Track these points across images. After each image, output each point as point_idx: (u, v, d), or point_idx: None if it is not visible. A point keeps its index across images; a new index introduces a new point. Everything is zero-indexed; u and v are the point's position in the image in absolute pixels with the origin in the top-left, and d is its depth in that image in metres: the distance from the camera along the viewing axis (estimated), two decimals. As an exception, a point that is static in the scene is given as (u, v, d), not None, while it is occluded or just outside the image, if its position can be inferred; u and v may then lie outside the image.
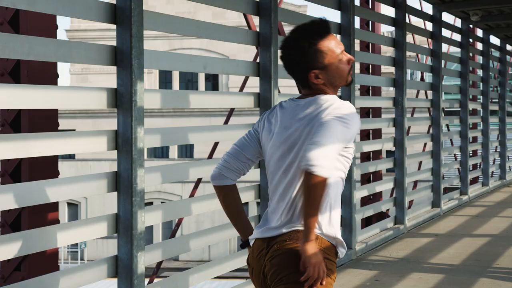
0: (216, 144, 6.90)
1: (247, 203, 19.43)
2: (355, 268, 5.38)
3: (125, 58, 3.35)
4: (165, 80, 32.82)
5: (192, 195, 7.23)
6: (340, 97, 5.10)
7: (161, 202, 17.19)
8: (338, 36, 5.79)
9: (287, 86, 5.56)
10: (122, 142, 3.34)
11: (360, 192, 6.44)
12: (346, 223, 5.76)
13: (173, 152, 30.58)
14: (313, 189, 2.12)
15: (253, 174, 4.61)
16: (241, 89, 7.82)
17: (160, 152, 30.94)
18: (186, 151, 30.62)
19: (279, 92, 4.88)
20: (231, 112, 6.73)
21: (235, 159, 2.43)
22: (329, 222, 2.31)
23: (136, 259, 3.30)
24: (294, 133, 2.31)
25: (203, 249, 25.39)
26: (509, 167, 13.11)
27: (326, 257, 2.27)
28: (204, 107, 4.38)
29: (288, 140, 2.32)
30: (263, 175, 4.70)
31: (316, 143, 2.16)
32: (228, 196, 2.44)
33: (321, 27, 2.33)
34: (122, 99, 3.35)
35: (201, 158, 21.20)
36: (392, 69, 11.05)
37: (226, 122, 7.40)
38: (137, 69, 3.37)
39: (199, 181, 6.72)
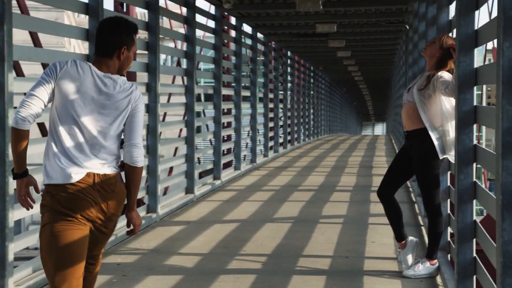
0: None
1: None
2: (103, 263, 5.08)
3: None
4: None
5: None
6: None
7: None
8: (86, 17, 5.41)
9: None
10: None
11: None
12: (94, 216, 5.45)
13: None
14: (139, 177, 3.03)
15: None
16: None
17: None
18: None
19: (16, 75, 4.39)
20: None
21: (36, 106, 2.84)
22: None
23: None
24: (115, 105, 2.98)
25: None
26: (260, 150, 13.76)
27: None
28: None
29: (111, 108, 2.96)
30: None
31: (137, 145, 2.99)
32: (25, 137, 2.85)
33: (137, 29, 3.12)
34: None
35: None
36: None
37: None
38: None
39: None
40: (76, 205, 2.86)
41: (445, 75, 4.43)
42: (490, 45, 17.49)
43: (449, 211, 5.06)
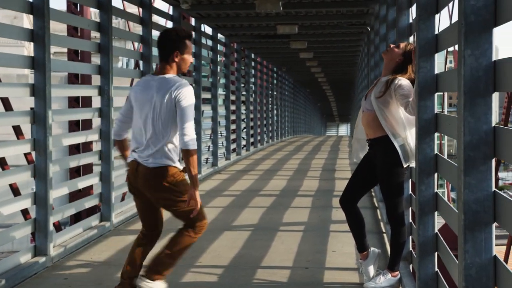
0: None
1: None
2: (49, 278, 4.83)
3: None
4: None
5: None
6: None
7: None
8: (31, 16, 5.10)
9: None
10: None
11: (58, 191, 5.82)
12: (41, 227, 5.18)
13: None
14: (190, 159, 3.68)
15: None
16: None
17: None
18: None
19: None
20: None
21: (124, 123, 3.97)
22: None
23: None
24: (162, 100, 3.72)
25: None
26: (223, 153, 13.53)
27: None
28: None
29: (157, 102, 3.73)
30: None
31: (186, 133, 3.66)
32: (125, 143, 4.03)
33: (191, 35, 3.88)
34: None
35: None
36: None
37: None
38: None
39: None
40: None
41: (404, 82, 4.25)
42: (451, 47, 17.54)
43: (410, 220, 4.91)
